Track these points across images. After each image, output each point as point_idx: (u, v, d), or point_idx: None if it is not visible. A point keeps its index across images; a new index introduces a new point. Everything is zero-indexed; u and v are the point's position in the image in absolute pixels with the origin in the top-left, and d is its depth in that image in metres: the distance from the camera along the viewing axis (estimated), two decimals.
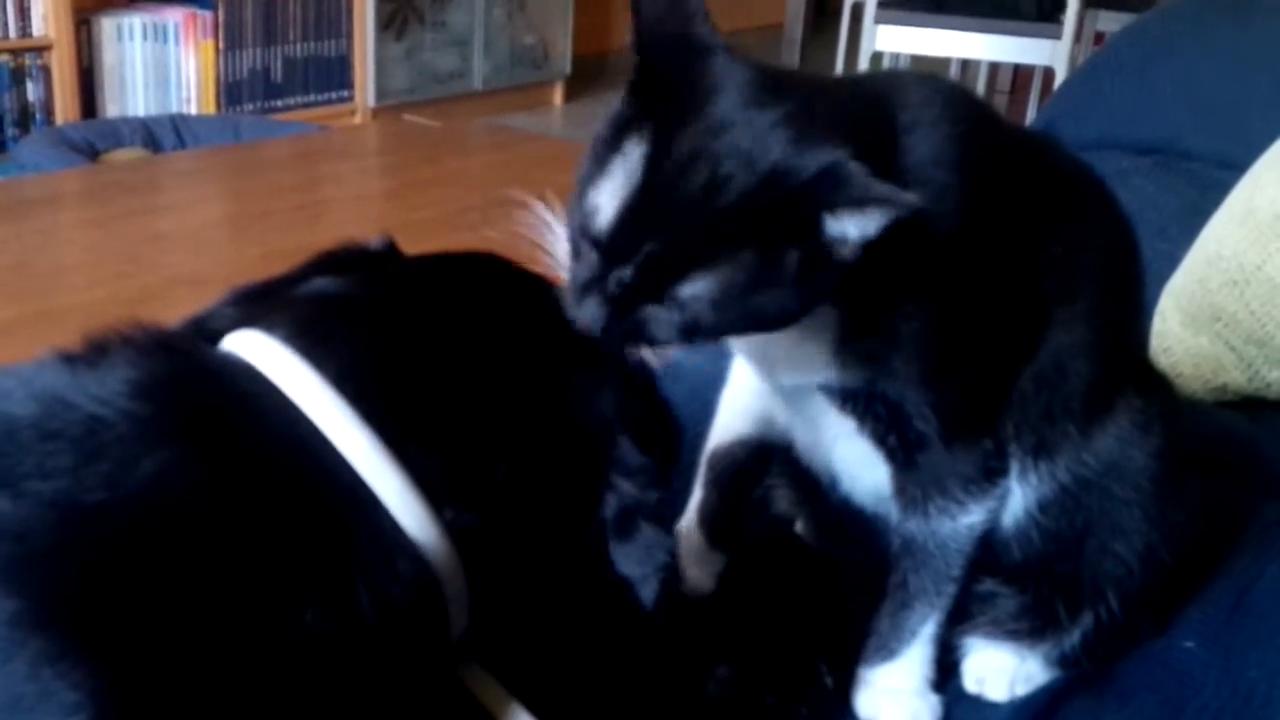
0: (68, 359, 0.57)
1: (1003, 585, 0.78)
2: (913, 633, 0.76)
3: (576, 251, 0.63)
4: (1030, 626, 0.78)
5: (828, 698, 0.77)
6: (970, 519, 0.73)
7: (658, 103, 0.61)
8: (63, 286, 1.54)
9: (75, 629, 0.48)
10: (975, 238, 0.67)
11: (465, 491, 0.59)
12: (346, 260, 0.69)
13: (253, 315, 0.62)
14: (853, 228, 0.58)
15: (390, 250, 0.71)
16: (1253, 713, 0.76)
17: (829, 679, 0.78)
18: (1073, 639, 0.78)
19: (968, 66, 4.48)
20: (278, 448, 0.56)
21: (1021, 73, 4.81)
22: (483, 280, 0.68)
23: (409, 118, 3.42)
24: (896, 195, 0.58)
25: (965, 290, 0.67)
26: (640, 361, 0.66)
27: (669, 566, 0.64)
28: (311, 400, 0.57)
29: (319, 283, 0.65)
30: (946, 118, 0.66)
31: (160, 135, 2.93)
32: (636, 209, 0.60)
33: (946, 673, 0.79)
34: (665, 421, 0.69)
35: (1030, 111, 4.06)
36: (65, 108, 3.23)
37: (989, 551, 0.76)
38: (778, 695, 0.76)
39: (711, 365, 0.86)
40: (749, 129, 0.59)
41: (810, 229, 0.58)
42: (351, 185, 2.18)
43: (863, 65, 3.58)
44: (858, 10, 3.89)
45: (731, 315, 0.60)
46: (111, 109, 3.38)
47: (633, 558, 0.64)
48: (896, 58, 3.82)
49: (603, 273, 0.60)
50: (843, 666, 0.78)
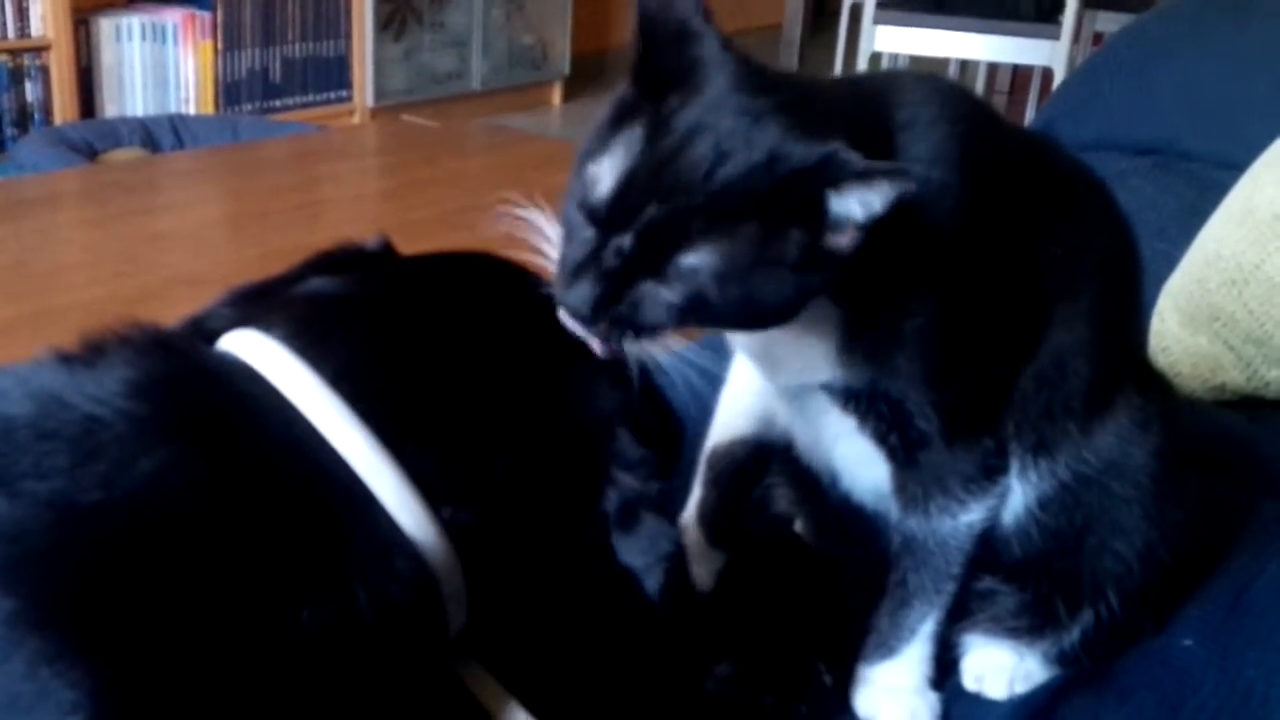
0: (65, 358, 0.57)
1: (1002, 583, 0.78)
2: (912, 631, 0.76)
3: (569, 234, 0.62)
4: (1029, 624, 0.78)
5: (827, 696, 0.77)
6: (970, 517, 0.73)
7: (659, 87, 0.61)
8: (61, 286, 1.53)
9: (72, 628, 0.48)
10: (975, 237, 0.67)
11: (463, 490, 0.59)
12: (344, 260, 0.69)
13: (250, 315, 0.62)
14: (857, 205, 0.58)
15: (386, 250, 0.71)
16: (1251, 711, 0.76)
17: (828, 677, 0.78)
18: (1072, 637, 0.78)
19: (966, 67, 4.48)
20: (275, 447, 0.56)
21: (1020, 73, 4.81)
22: (479, 279, 0.68)
23: (407, 118, 3.42)
24: (900, 170, 0.58)
25: (967, 289, 0.68)
26: (637, 356, 0.65)
27: (674, 555, 0.64)
28: (309, 400, 0.57)
29: (316, 282, 0.66)
30: (945, 116, 0.66)
31: (159, 135, 2.93)
32: (639, 176, 0.59)
33: (945, 670, 0.79)
34: (665, 416, 0.69)
35: (1029, 112, 4.05)
36: (64, 108, 3.22)
37: (989, 549, 0.76)
38: (777, 693, 0.76)
39: (712, 365, 0.86)
40: (750, 115, 0.59)
41: (814, 206, 0.58)
42: (350, 185, 2.17)
43: (861, 66, 3.58)
44: (856, 11, 3.89)
45: (730, 294, 0.59)
46: (110, 109, 3.38)
47: (636, 548, 0.64)
48: (895, 58, 3.81)
49: (599, 245, 0.60)
50: (842, 664, 0.78)
